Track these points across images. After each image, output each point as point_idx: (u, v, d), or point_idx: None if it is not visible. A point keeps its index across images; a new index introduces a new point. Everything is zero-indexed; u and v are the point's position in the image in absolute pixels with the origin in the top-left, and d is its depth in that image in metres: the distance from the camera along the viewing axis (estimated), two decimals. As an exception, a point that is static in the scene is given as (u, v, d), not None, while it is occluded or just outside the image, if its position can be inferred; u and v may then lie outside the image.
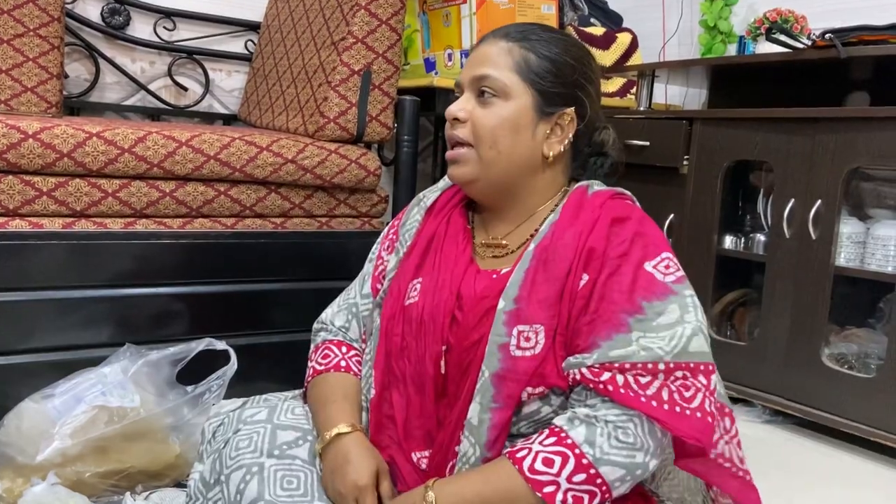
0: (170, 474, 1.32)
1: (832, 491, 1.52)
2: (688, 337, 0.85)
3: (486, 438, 0.87)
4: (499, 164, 0.95)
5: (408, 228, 1.08)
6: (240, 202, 1.65)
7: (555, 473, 0.81)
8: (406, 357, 0.96)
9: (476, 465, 0.88)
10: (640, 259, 0.89)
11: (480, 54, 0.97)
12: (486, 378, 0.88)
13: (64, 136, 1.45)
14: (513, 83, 0.94)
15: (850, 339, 1.84)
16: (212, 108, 2.42)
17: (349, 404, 0.99)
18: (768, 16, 2.03)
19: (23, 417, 1.27)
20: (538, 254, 0.92)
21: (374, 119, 1.78)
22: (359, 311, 1.10)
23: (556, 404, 0.90)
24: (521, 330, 0.89)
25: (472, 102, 0.96)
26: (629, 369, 0.83)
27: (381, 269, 1.10)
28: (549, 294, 0.89)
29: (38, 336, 1.42)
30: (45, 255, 1.43)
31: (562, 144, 0.97)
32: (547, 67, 0.95)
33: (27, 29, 1.80)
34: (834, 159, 1.72)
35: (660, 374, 0.83)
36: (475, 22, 2.13)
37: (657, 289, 0.87)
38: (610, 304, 0.87)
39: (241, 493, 0.92)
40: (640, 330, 0.85)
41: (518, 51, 0.95)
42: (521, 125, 0.95)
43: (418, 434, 0.94)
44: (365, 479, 0.89)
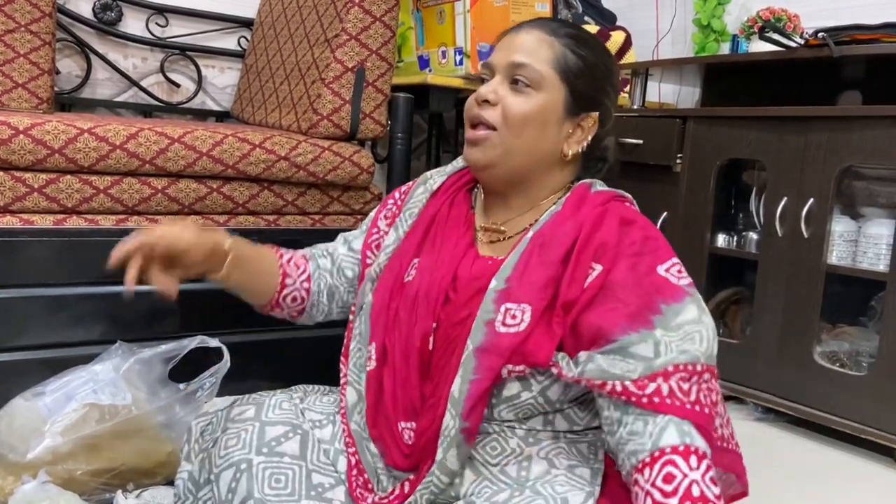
0: (161, 472, 1.31)
1: (823, 488, 1.53)
2: (712, 340, 0.86)
3: (463, 408, 0.88)
4: (520, 153, 0.96)
5: (410, 207, 1.08)
6: (232, 199, 1.65)
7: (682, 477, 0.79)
8: (397, 329, 0.97)
9: (456, 436, 0.88)
10: (653, 262, 0.89)
11: (518, 41, 0.97)
12: (470, 352, 0.89)
13: (55, 132, 1.44)
14: (549, 76, 0.95)
15: (842, 337, 1.85)
16: (204, 104, 2.41)
17: (250, 246, 1.08)
18: (761, 14, 2.03)
19: (14, 415, 1.27)
20: (534, 240, 0.94)
21: (368, 116, 1.77)
22: (335, 254, 1.13)
23: (535, 390, 0.90)
24: (509, 308, 0.89)
25: (504, 88, 0.96)
26: (672, 373, 0.82)
27: (377, 237, 1.11)
28: (541, 277, 0.90)
29: (29, 333, 1.42)
30: (36, 252, 1.42)
31: (580, 145, 0.98)
32: (582, 69, 0.96)
33: (18, 24, 1.79)
34: (826, 158, 1.73)
35: (694, 377, 0.83)
36: (469, 19, 2.13)
37: (674, 292, 0.87)
38: (633, 297, 0.86)
39: (232, 491, 0.92)
40: (662, 328, 0.85)
41: (558, 46, 0.95)
42: (549, 120, 0.95)
43: (403, 405, 0.95)
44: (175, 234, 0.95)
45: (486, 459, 0.92)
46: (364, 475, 0.96)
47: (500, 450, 0.92)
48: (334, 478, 0.96)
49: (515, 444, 0.92)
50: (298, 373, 1.34)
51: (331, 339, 1.60)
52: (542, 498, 0.84)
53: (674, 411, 0.81)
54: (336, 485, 0.96)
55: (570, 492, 0.85)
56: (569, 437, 0.95)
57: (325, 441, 1.00)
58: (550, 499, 0.84)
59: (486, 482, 0.90)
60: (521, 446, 0.92)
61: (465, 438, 0.89)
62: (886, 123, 1.62)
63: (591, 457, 0.93)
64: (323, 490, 0.94)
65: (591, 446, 0.94)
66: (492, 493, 0.87)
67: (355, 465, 0.97)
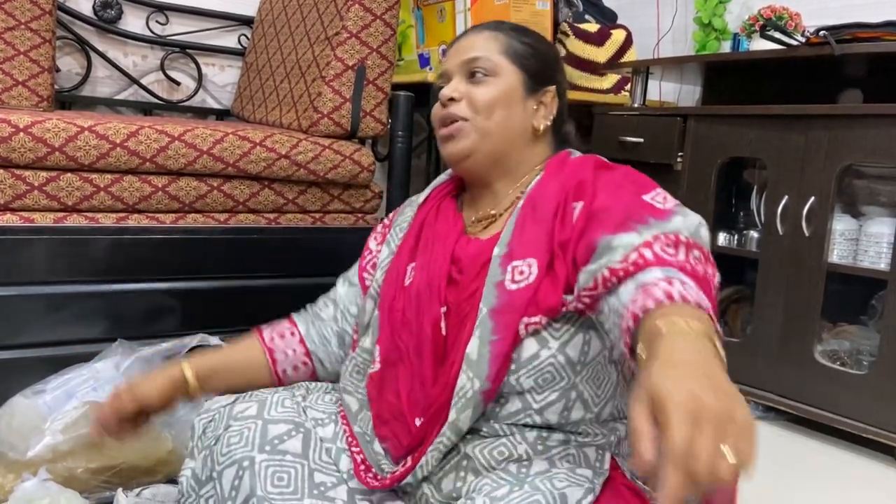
0: (162, 470, 1.31)
1: (824, 487, 1.53)
2: (697, 222, 0.82)
3: (488, 371, 0.87)
4: (494, 134, 1.01)
5: (400, 223, 1.12)
6: (233, 197, 1.65)
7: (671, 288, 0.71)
8: (408, 330, 0.98)
9: (474, 398, 0.87)
10: (637, 190, 0.89)
11: (465, 43, 1.05)
12: (485, 314, 0.89)
13: (55, 130, 1.44)
14: (503, 63, 1.02)
15: (843, 336, 1.85)
16: (205, 102, 2.41)
17: (221, 352, 1.14)
18: (763, 13, 2.03)
19: (14, 413, 1.27)
20: (525, 205, 0.96)
21: (368, 114, 1.77)
22: (337, 297, 1.15)
23: (553, 347, 0.89)
24: (516, 265, 0.91)
25: (463, 84, 1.02)
26: (653, 242, 0.77)
27: (371, 259, 1.14)
28: (538, 233, 0.92)
29: (29, 331, 1.42)
30: (37, 249, 1.42)
31: (548, 119, 1.05)
32: (529, 51, 1.04)
33: (18, 22, 1.79)
34: (827, 156, 1.73)
35: (681, 246, 0.78)
36: (469, 17, 2.13)
37: (659, 213, 0.85)
38: (617, 214, 0.84)
39: (235, 489, 0.92)
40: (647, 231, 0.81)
41: (502, 37, 1.04)
42: (513, 100, 1.02)
43: (420, 401, 0.94)
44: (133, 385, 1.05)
45: (490, 463, 0.91)
46: (372, 470, 0.97)
47: (508, 454, 0.91)
48: (336, 477, 0.96)
49: (524, 451, 0.91)
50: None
51: (331, 338, 1.60)
52: (541, 493, 0.83)
53: (666, 263, 0.75)
54: (338, 484, 0.96)
55: (568, 488, 0.85)
56: (579, 440, 0.93)
57: (327, 439, 1.00)
58: (549, 494, 0.83)
59: (486, 479, 0.90)
60: (529, 453, 0.91)
61: (483, 400, 0.88)
62: (887, 122, 1.62)
63: (598, 462, 0.92)
64: (325, 489, 0.94)
65: (599, 450, 0.93)
66: (491, 489, 0.87)
67: (362, 462, 0.97)
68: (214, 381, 1.10)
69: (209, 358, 1.14)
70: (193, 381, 1.08)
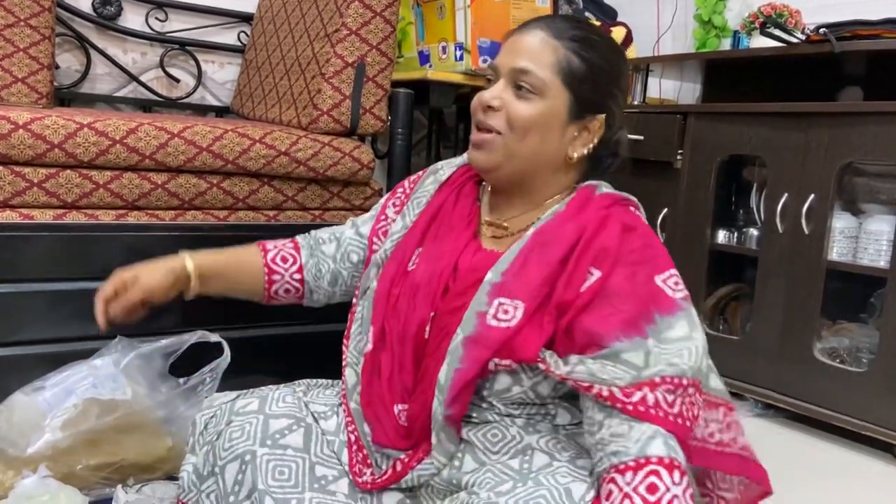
0: (162, 467, 1.31)
1: (823, 484, 1.53)
2: (701, 355, 0.87)
3: (447, 396, 0.89)
4: (524, 157, 0.96)
5: (419, 196, 1.10)
6: (232, 194, 1.65)
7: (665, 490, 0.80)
8: (396, 316, 0.99)
9: (442, 423, 0.90)
10: (651, 272, 0.90)
11: (523, 44, 0.96)
12: (459, 340, 0.90)
13: (55, 126, 1.44)
14: (552, 83, 0.94)
15: (842, 334, 1.85)
16: (204, 99, 2.41)
17: (222, 255, 1.14)
18: (763, 10, 2.02)
19: (13, 410, 1.26)
20: (535, 236, 0.95)
21: (368, 112, 1.77)
22: (342, 237, 1.16)
23: (526, 385, 0.92)
24: (502, 302, 0.91)
25: (508, 93, 0.96)
26: (659, 384, 0.84)
27: (384, 224, 1.14)
28: (538, 275, 0.91)
29: (28, 328, 1.41)
30: (36, 246, 1.42)
31: (586, 148, 0.99)
32: (587, 73, 0.95)
33: (18, 19, 1.78)
34: (827, 154, 1.73)
35: (679, 389, 0.85)
36: (469, 15, 2.12)
37: (668, 304, 0.89)
38: (628, 306, 0.87)
39: (238, 483, 0.93)
40: (654, 338, 0.86)
41: (562, 50, 0.94)
42: (552, 125, 0.96)
43: (398, 388, 0.97)
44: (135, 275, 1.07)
45: (487, 447, 0.94)
46: (363, 451, 0.98)
47: (501, 436, 0.94)
48: (338, 470, 0.97)
49: (515, 432, 0.94)
50: (299, 368, 1.34)
51: (331, 335, 1.59)
52: (545, 489, 0.84)
53: (659, 422, 0.83)
54: (339, 477, 0.96)
55: (572, 483, 0.86)
56: (568, 429, 0.96)
57: (329, 432, 1.00)
58: (553, 489, 0.84)
59: (489, 473, 0.91)
60: (521, 434, 0.94)
61: (448, 424, 0.91)
62: (887, 120, 1.62)
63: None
64: (326, 482, 0.95)
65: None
66: (494, 484, 0.88)
67: (355, 442, 0.99)
68: (212, 281, 1.13)
69: (212, 258, 1.14)
70: (195, 280, 1.10)
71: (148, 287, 1.07)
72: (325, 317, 1.55)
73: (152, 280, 1.07)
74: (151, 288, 1.07)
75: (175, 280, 1.09)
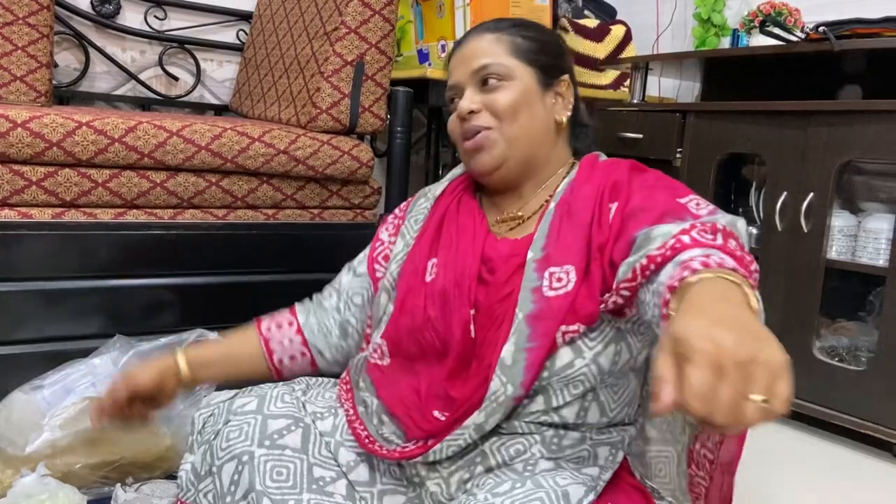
0: (160, 466, 1.31)
1: (822, 483, 1.53)
2: (734, 219, 0.80)
3: (522, 378, 0.86)
4: (522, 138, 0.99)
5: (415, 215, 1.09)
6: (231, 193, 1.64)
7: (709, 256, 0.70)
8: (431, 328, 0.96)
9: (506, 403, 0.87)
10: (671, 194, 0.88)
11: (469, 50, 1.01)
12: (521, 320, 0.88)
13: (53, 125, 1.44)
14: (514, 65, 0.99)
15: (841, 332, 1.85)
16: (203, 98, 2.41)
17: (215, 346, 1.16)
18: (762, 8, 2.02)
19: (12, 408, 1.27)
20: (559, 208, 0.95)
21: (367, 110, 1.77)
22: (340, 286, 1.14)
23: (588, 357, 0.88)
24: (553, 272, 0.90)
25: (478, 95, 0.99)
26: (690, 229, 0.76)
27: (381, 250, 1.11)
28: (575, 239, 0.91)
29: (27, 327, 1.41)
30: (35, 245, 1.42)
31: (568, 109, 1.03)
32: (535, 45, 1.01)
33: (16, 17, 1.78)
34: (826, 152, 1.73)
35: (719, 233, 0.76)
36: (469, 13, 2.12)
37: (695, 215, 0.84)
38: (652, 213, 0.83)
39: (235, 483, 0.92)
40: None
41: (505, 37, 1.00)
42: (532, 100, 1.00)
43: (438, 397, 0.93)
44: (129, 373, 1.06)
45: (504, 460, 0.91)
46: (376, 443, 0.96)
47: (521, 451, 0.91)
48: (336, 471, 0.96)
49: (537, 450, 0.91)
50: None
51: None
52: (543, 490, 0.83)
53: (699, 246, 0.73)
54: (337, 478, 0.96)
55: (571, 485, 0.85)
56: (594, 438, 0.93)
57: (326, 433, 0.99)
58: (551, 490, 0.83)
59: (490, 475, 0.90)
60: (542, 451, 0.91)
61: (513, 405, 0.88)
62: (887, 118, 1.62)
63: (609, 459, 0.91)
64: (324, 483, 0.94)
65: (612, 449, 0.93)
66: (494, 485, 0.87)
67: (367, 437, 0.96)
68: (208, 370, 1.11)
69: (205, 347, 1.14)
70: (185, 370, 1.08)
71: (135, 384, 1.05)
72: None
73: (141, 377, 1.06)
74: (139, 384, 1.05)
75: (165, 375, 1.07)
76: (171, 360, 1.09)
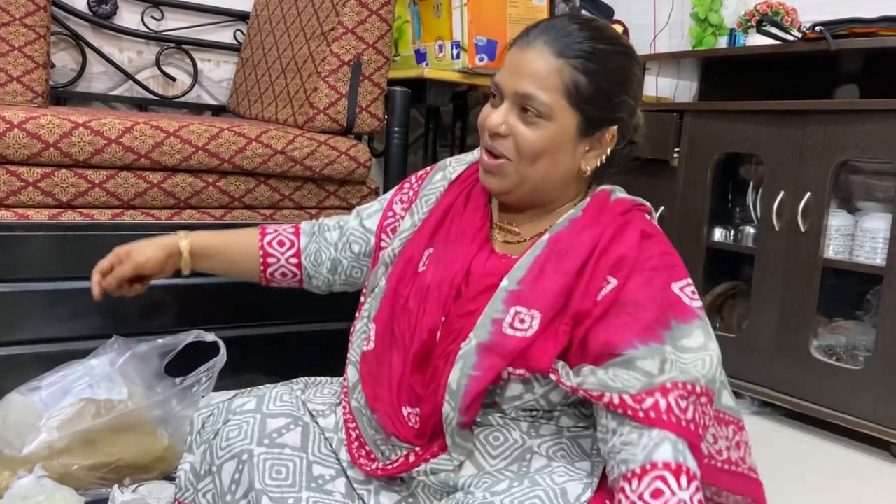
0: (158, 467, 1.31)
1: (820, 481, 1.53)
2: (715, 366, 0.87)
3: (461, 404, 0.88)
4: (534, 179, 0.95)
5: (427, 193, 1.08)
6: (228, 193, 1.64)
7: (670, 494, 0.79)
8: (406, 318, 0.98)
9: (455, 428, 0.89)
10: (668, 279, 0.90)
11: (526, 64, 0.91)
12: (472, 346, 0.89)
13: (50, 125, 1.44)
14: (559, 106, 0.91)
15: (839, 331, 1.85)
16: (200, 98, 2.40)
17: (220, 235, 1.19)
18: (759, 8, 2.02)
19: (9, 410, 1.26)
20: (551, 244, 0.93)
21: (365, 110, 1.77)
22: (346, 227, 1.16)
23: (538, 393, 0.91)
24: (518, 311, 0.89)
25: (513, 116, 0.93)
26: (671, 390, 0.83)
27: (392, 221, 1.12)
28: (555, 285, 0.89)
29: (24, 328, 1.41)
30: (32, 246, 1.41)
31: (598, 160, 0.97)
32: (594, 92, 0.91)
33: (13, 18, 1.78)
34: (823, 152, 1.73)
35: (692, 397, 0.84)
36: (466, 13, 2.12)
37: (685, 312, 0.88)
38: (645, 312, 0.87)
39: (235, 482, 0.92)
40: (671, 345, 0.86)
41: (567, 70, 0.90)
42: (562, 147, 0.93)
43: (406, 391, 0.95)
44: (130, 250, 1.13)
45: (488, 451, 0.93)
46: (366, 447, 0.97)
47: (503, 440, 0.93)
48: (335, 469, 0.97)
49: (518, 436, 0.93)
50: (296, 367, 1.34)
51: (328, 334, 1.60)
52: (541, 488, 0.84)
53: (670, 428, 0.81)
54: (337, 476, 0.96)
55: (568, 482, 0.86)
56: (572, 431, 0.95)
57: (328, 430, 1.00)
58: (549, 489, 0.84)
59: (486, 475, 0.91)
60: (524, 438, 0.93)
61: (462, 429, 0.90)
62: (884, 117, 1.62)
63: (594, 451, 0.93)
64: (324, 482, 0.94)
65: (594, 441, 0.94)
66: (491, 484, 0.88)
67: (356, 439, 0.98)
68: (207, 260, 1.17)
69: (207, 237, 1.17)
70: (187, 256, 1.14)
71: (138, 261, 1.12)
72: (322, 315, 1.55)
73: (143, 254, 1.12)
74: (141, 262, 1.12)
75: (166, 255, 1.13)
76: (175, 244, 1.14)
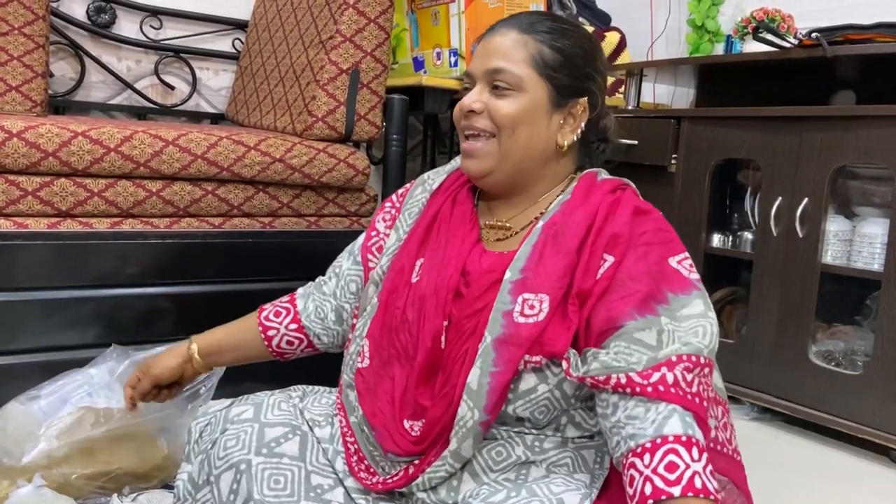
0: (157, 476, 1.31)
1: (819, 487, 1.53)
2: (715, 335, 0.87)
3: (486, 402, 0.87)
4: (516, 153, 0.97)
5: (410, 207, 1.09)
6: (227, 202, 1.65)
7: (685, 467, 0.78)
8: (406, 330, 0.97)
9: (473, 428, 0.88)
10: (665, 253, 0.90)
11: (493, 45, 0.97)
12: (489, 343, 0.88)
13: (49, 135, 1.44)
14: (528, 77, 0.95)
15: (837, 337, 1.85)
16: (199, 107, 2.41)
17: (224, 329, 1.21)
18: (755, 15, 2.03)
19: (8, 419, 1.26)
20: (546, 229, 0.94)
21: (363, 118, 1.77)
22: (340, 271, 1.16)
23: (552, 383, 0.89)
24: (526, 298, 0.90)
25: (486, 94, 0.97)
26: (676, 363, 0.83)
27: (376, 240, 1.12)
28: (557, 267, 0.90)
29: (23, 337, 1.41)
30: (31, 255, 1.41)
31: (574, 133, 0.99)
32: (560, 61, 0.96)
33: (12, 27, 1.78)
34: (820, 157, 1.73)
35: (696, 369, 0.84)
36: (464, 21, 2.13)
37: (682, 283, 0.88)
38: (641, 285, 0.87)
39: (234, 493, 0.92)
40: (668, 317, 0.86)
41: (532, 43, 0.96)
42: (537, 116, 0.96)
43: (411, 405, 0.94)
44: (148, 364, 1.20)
45: (489, 465, 0.91)
46: (365, 461, 0.96)
47: (505, 455, 0.91)
48: (333, 479, 0.96)
49: (521, 452, 0.92)
50: (295, 375, 1.34)
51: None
52: (538, 498, 0.83)
53: (678, 401, 0.81)
54: (335, 486, 0.96)
55: (565, 492, 0.85)
56: (577, 442, 0.94)
57: (324, 440, 0.99)
58: (546, 499, 0.83)
59: (484, 486, 0.90)
60: (527, 454, 0.92)
61: (482, 430, 0.88)
62: (880, 123, 1.63)
63: (596, 464, 0.92)
64: (322, 491, 0.94)
65: (597, 452, 0.93)
66: (488, 494, 0.87)
67: (355, 453, 0.97)
68: (218, 356, 1.20)
69: (213, 336, 1.20)
70: (199, 359, 1.18)
71: (154, 374, 1.19)
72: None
73: (158, 368, 1.19)
74: (157, 375, 1.18)
75: (179, 364, 1.19)
76: (185, 351, 1.18)
